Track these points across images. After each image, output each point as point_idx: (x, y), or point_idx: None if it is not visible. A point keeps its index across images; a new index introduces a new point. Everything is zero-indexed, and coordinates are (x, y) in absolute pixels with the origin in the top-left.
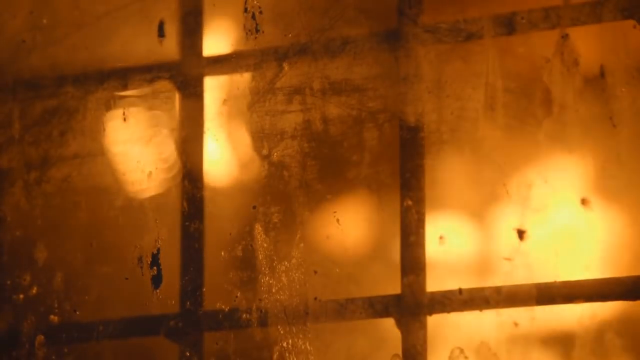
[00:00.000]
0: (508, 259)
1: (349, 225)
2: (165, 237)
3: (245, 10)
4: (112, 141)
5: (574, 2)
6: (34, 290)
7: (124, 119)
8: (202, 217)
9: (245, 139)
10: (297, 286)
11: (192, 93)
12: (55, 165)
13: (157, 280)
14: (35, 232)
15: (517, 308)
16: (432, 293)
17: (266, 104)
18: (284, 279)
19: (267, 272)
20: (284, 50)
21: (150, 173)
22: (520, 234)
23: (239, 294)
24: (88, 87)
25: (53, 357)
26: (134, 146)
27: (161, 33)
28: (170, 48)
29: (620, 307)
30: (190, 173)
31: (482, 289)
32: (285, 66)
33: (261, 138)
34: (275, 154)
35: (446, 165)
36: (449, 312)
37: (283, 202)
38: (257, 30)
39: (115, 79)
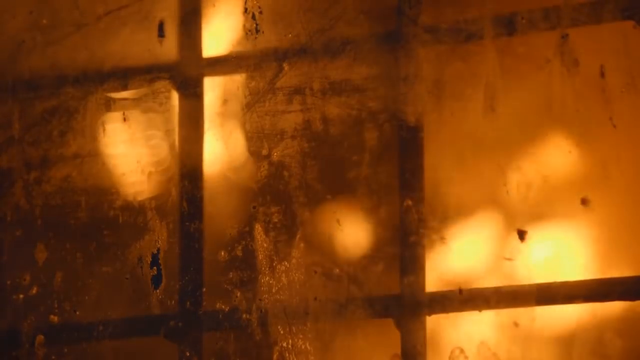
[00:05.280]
0: (508, 259)
1: (349, 225)
2: (165, 237)
3: (245, 10)
4: (112, 141)
5: (574, 2)
6: (34, 290)
7: (124, 119)
8: (202, 217)
9: (245, 139)
10: (297, 286)
11: (192, 93)
12: (55, 165)
13: (157, 280)
14: (35, 232)
15: (517, 308)
16: (432, 293)
17: (266, 104)
18: (284, 279)
19: (267, 272)
20: (284, 50)
21: (150, 173)
22: (521, 234)
23: (239, 294)
24: (88, 87)
25: (53, 357)
26: (134, 146)
27: (161, 33)
28: (170, 48)
29: (620, 307)
30: (190, 173)
31: (482, 289)
32: (285, 66)
33: (261, 138)
34: (275, 154)
35: (446, 165)
36: (448, 312)
37: (283, 202)
38: (257, 31)
39: (115, 79)
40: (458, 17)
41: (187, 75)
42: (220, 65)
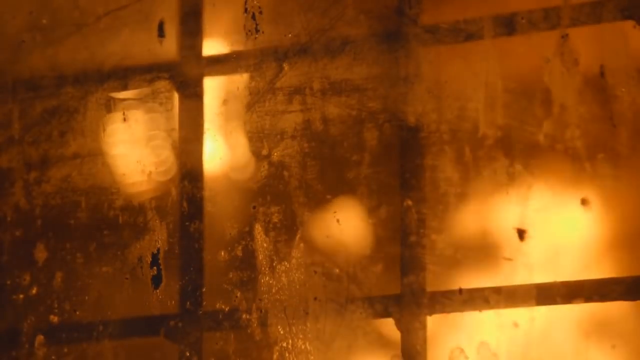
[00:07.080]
0: (508, 259)
1: (349, 225)
2: (165, 237)
3: (245, 10)
4: (112, 141)
5: (574, 2)
6: (34, 290)
7: (124, 119)
8: (202, 217)
9: (245, 139)
10: (297, 286)
11: (192, 93)
12: (55, 165)
13: (157, 280)
14: (35, 232)
15: (517, 308)
16: (432, 293)
17: (266, 104)
18: (284, 279)
19: (267, 272)
20: (284, 50)
21: (150, 173)
22: (521, 234)
23: (239, 294)
24: (88, 87)
25: (53, 357)
26: (134, 146)
27: (161, 33)
28: (170, 48)
29: (620, 307)
30: (190, 173)
31: (482, 289)
32: (285, 66)
33: (261, 138)
34: (275, 154)
35: (446, 165)
36: (449, 312)
37: (283, 202)
38: (257, 31)
39: (115, 79)
40: (458, 17)
41: (187, 75)
42: (220, 65)
